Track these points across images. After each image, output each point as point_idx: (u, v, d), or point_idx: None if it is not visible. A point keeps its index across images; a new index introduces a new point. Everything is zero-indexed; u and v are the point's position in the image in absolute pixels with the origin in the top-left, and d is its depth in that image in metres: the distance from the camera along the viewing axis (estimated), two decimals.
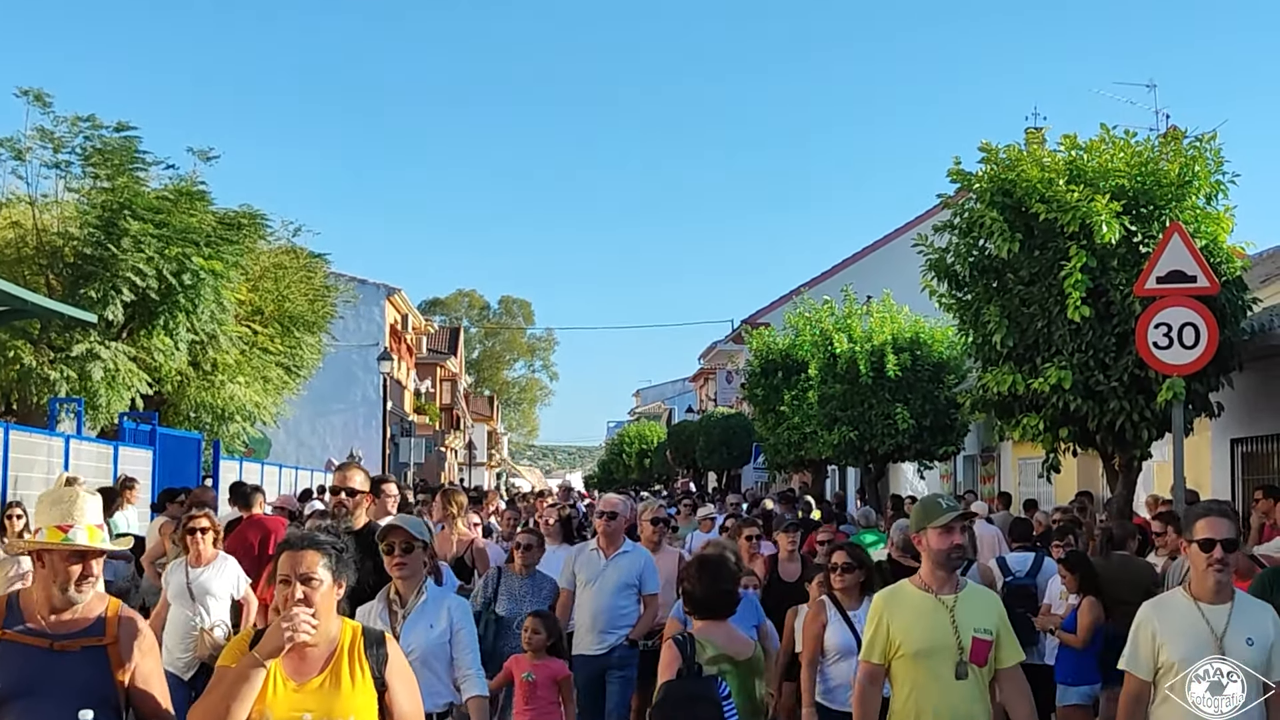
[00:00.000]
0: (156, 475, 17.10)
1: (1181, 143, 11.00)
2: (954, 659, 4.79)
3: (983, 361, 11.74)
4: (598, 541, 8.33)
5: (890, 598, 5.01)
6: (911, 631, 4.85)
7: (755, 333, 26.15)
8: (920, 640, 4.83)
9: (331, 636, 3.88)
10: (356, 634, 3.95)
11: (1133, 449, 11.08)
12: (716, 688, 5.11)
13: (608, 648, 8.03)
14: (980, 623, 4.86)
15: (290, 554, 3.86)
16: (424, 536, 5.46)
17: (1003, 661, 4.92)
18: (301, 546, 3.88)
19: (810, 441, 22.11)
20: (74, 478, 4.58)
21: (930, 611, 4.86)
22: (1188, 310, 9.62)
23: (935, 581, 4.95)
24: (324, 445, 38.26)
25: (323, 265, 25.94)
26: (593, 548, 8.34)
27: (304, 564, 3.83)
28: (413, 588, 5.43)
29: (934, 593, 4.91)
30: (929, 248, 11.84)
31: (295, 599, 3.77)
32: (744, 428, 35.76)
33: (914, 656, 4.83)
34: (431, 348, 57.31)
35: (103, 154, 18.04)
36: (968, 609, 4.89)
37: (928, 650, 4.81)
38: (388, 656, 3.97)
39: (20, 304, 13.26)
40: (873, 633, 4.95)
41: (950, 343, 19.53)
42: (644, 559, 8.32)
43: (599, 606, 8.07)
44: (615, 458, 65.56)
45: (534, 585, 8.25)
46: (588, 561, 8.25)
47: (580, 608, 8.17)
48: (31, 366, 16.60)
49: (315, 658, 3.84)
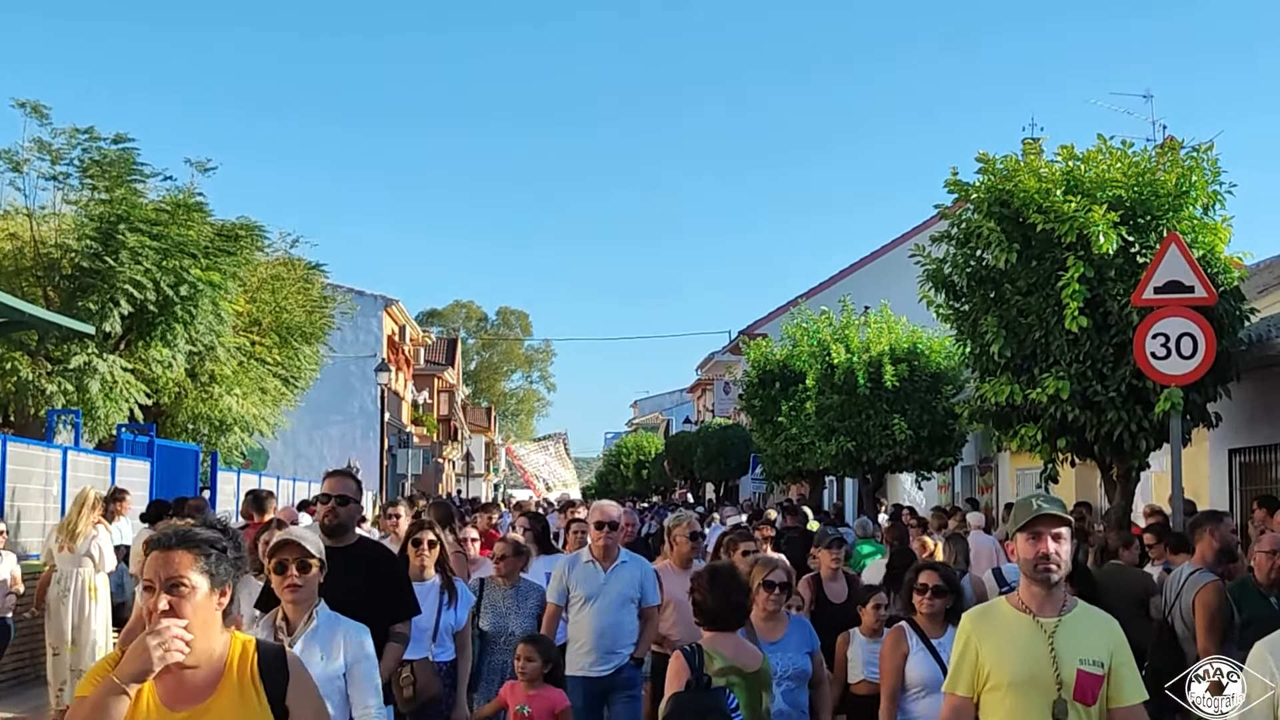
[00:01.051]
0: (154, 487, 17.08)
1: (1179, 153, 11.02)
2: (1050, 695, 4.02)
3: (980, 372, 11.74)
4: (592, 552, 7.62)
5: (981, 618, 4.27)
6: (1003, 659, 4.10)
7: (753, 344, 26.16)
8: (1011, 670, 4.07)
9: (215, 654, 3.21)
10: (249, 650, 3.29)
11: (1131, 459, 11.08)
12: (725, 700, 5.06)
13: (612, 668, 7.40)
14: (1088, 652, 4.07)
15: (157, 555, 3.15)
16: (320, 553, 4.75)
17: (1119, 700, 4.08)
18: (170, 545, 3.15)
19: (808, 452, 22.11)
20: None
21: (1025, 636, 4.10)
22: (1185, 321, 9.63)
23: (1032, 600, 4.15)
24: (321, 456, 38.21)
25: (320, 276, 25.99)
26: (587, 559, 7.61)
27: (173, 566, 3.11)
28: (303, 613, 4.68)
29: (1032, 614, 4.13)
30: (926, 258, 11.85)
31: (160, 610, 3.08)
32: (742, 438, 35.75)
33: (1006, 690, 4.08)
34: (429, 359, 57.31)
35: (100, 166, 18.08)
36: (1073, 635, 4.08)
37: (1020, 683, 4.06)
38: (289, 676, 3.32)
39: (18, 316, 13.27)
40: (958, 659, 4.22)
41: (948, 353, 19.53)
42: (643, 569, 7.68)
43: (602, 624, 7.41)
44: (613, 469, 65.55)
45: (519, 596, 7.81)
46: (584, 575, 7.54)
47: (578, 625, 7.49)
48: (29, 379, 16.60)
49: (196, 681, 3.18)
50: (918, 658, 5.95)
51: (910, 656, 5.96)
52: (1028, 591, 4.15)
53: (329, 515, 5.83)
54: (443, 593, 6.94)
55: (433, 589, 6.92)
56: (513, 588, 7.84)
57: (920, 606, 6.12)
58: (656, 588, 7.65)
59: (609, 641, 7.40)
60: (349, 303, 30.21)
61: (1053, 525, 4.08)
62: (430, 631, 6.82)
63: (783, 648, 6.24)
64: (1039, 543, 4.07)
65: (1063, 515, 4.10)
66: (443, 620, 6.93)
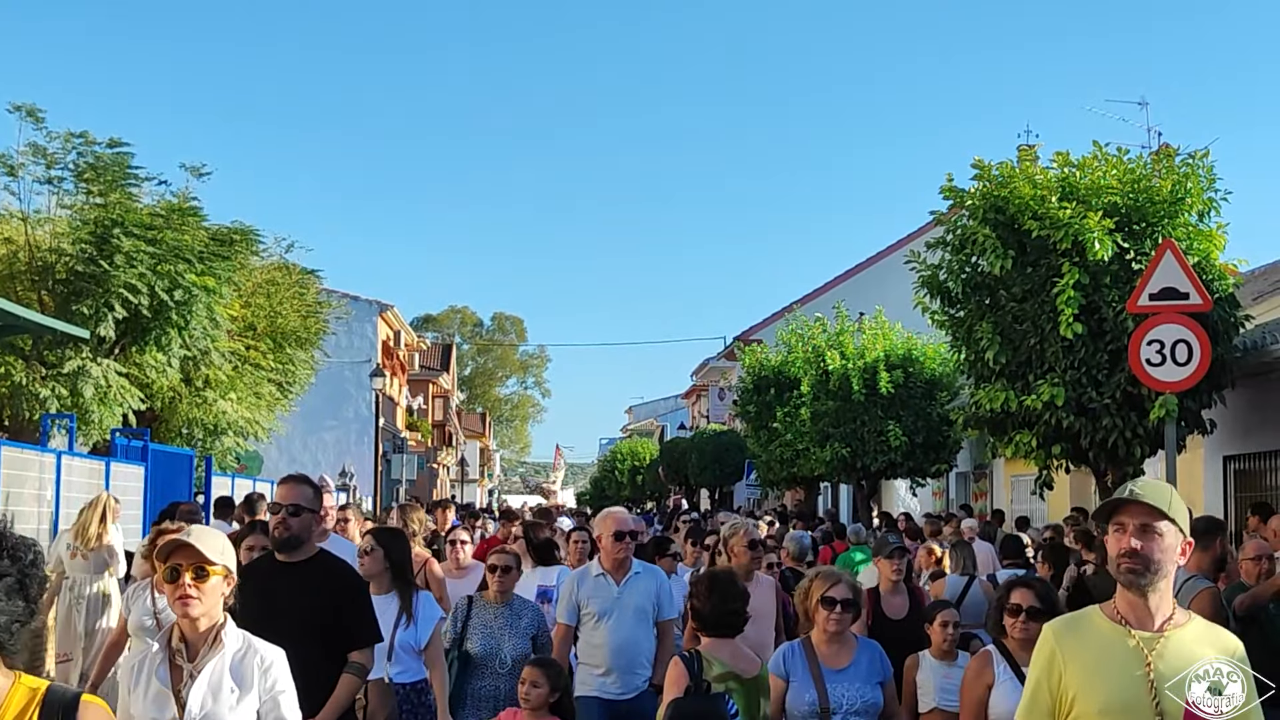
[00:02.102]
0: (148, 492, 17.04)
1: (1174, 160, 11.06)
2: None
3: (975, 378, 11.75)
4: (603, 564, 7.02)
5: (1067, 630, 3.41)
6: (1090, 683, 3.27)
7: (748, 349, 26.17)
8: (1100, 698, 3.25)
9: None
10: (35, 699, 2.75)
11: (1125, 466, 11.08)
12: (724, 706, 5.04)
13: (635, 691, 6.82)
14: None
15: None
16: (224, 559, 3.91)
17: None
18: None
19: (803, 458, 22.12)
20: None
21: (1118, 655, 3.28)
22: (1180, 327, 9.64)
23: (1129, 609, 3.34)
24: (316, 462, 38.14)
25: (315, 281, 25.93)
26: (598, 572, 7.00)
27: None
28: (206, 634, 3.86)
29: (1128, 625, 3.32)
30: (922, 264, 11.86)
31: None
32: (736, 445, 35.74)
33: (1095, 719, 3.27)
34: (424, 364, 57.24)
35: (95, 170, 18.04)
36: (1179, 655, 3.26)
37: (1112, 712, 3.25)
38: None
39: (12, 320, 13.24)
40: (1036, 681, 3.38)
41: (943, 359, 19.58)
42: (658, 579, 7.13)
43: (619, 642, 6.81)
44: (608, 475, 65.47)
45: (511, 615, 6.99)
46: (596, 590, 6.93)
47: (591, 644, 6.89)
48: (23, 383, 16.57)
49: None
50: (1005, 688, 5.15)
51: (996, 687, 5.19)
52: (1122, 598, 3.37)
53: (279, 527, 5.29)
54: (400, 613, 6.40)
55: (390, 603, 6.40)
56: (505, 605, 7.03)
57: (1013, 630, 5.36)
58: (673, 599, 7.18)
59: (625, 660, 6.83)
60: (344, 308, 30.12)
61: (1141, 515, 3.32)
62: (385, 650, 6.24)
63: (848, 677, 5.37)
64: (1122, 536, 3.34)
65: (1155, 505, 3.32)
66: (400, 639, 6.39)
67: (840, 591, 5.44)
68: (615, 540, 6.93)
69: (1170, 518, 3.30)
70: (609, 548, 6.98)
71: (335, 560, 5.56)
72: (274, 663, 3.89)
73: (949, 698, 6.18)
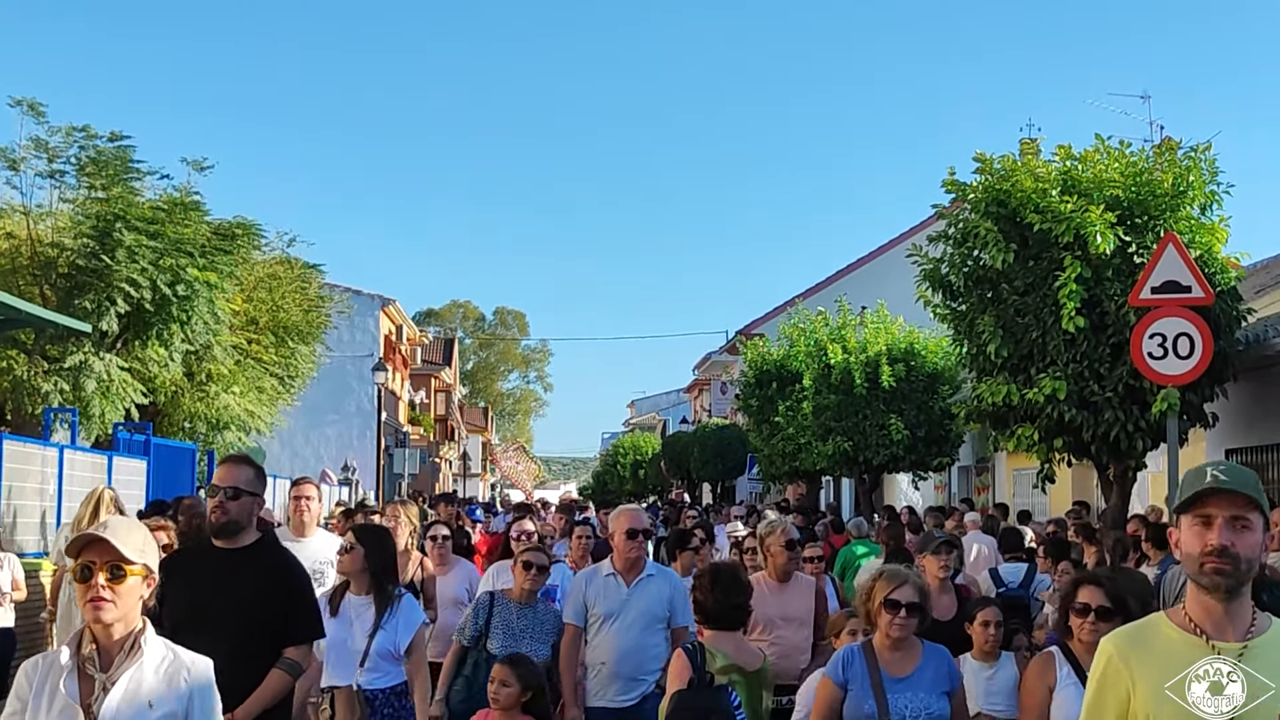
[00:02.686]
0: (151, 485, 17.07)
1: (1176, 153, 11.03)
2: None
3: (977, 372, 11.74)
4: (614, 564, 6.67)
5: (1131, 645, 2.98)
6: (1162, 701, 2.86)
7: (750, 344, 26.14)
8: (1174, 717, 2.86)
9: None
10: None
11: (1127, 459, 11.08)
12: (728, 698, 5.03)
13: (638, 697, 6.42)
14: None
15: None
16: (143, 558, 3.48)
17: None
18: None
19: (805, 452, 22.09)
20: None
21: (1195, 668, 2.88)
22: (1182, 321, 9.62)
23: (1205, 616, 2.89)
24: (318, 456, 38.22)
25: (317, 276, 25.97)
26: (608, 572, 6.65)
27: None
28: (122, 641, 3.45)
29: (1205, 636, 2.89)
30: (924, 258, 11.84)
31: None
32: (738, 439, 35.71)
33: None
34: (426, 359, 57.29)
35: (97, 164, 18.07)
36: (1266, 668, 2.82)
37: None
38: None
39: (15, 314, 13.26)
40: (1096, 696, 3.00)
41: (945, 353, 19.54)
42: (672, 584, 6.74)
43: (625, 647, 6.45)
44: (610, 469, 65.50)
45: (536, 619, 6.75)
46: (604, 590, 6.58)
47: (597, 649, 6.52)
48: (25, 377, 16.59)
49: None
50: (1067, 694, 4.78)
51: (1058, 691, 4.84)
52: (1197, 603, 2.90)
53: (216, 510, 4.93)
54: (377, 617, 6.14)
55: (367, 605, 6.17)
56: (529, 606, 6.80)
57: (1080, 632, 4.95)
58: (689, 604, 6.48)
59: (631, 666, 6.43)
60: (346, 302, 30.20)
61: (1231, 505, 2.83)
62: (360, 655, 6.08)
63: (912, 685, 4.93)
64: (1208, 530, 2.84)
65: (1248, 494, 2.84)
66: (377, 643, 6.11)
67: (905, 594, 5.01)
68: (628, 538, 6.60)
69: (1262, 508, 2.88)
70: (621, 546, 6.64)
71: (277, 548, 5.23)
72: (200, 674, 3.52)
73: (994, 700, 5.89)
